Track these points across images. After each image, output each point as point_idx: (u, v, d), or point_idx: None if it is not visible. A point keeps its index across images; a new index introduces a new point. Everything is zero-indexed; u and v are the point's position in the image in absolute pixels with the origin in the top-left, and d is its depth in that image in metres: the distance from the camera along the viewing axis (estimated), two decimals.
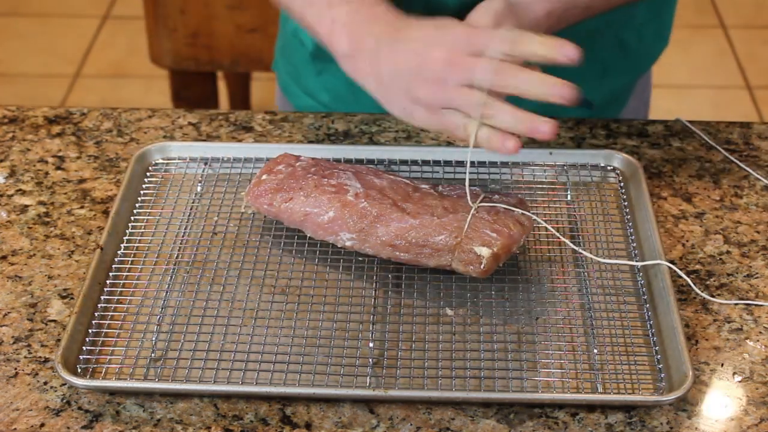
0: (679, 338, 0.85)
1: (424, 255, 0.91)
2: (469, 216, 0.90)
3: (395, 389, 0.83)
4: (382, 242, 0.91)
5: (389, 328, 0.89)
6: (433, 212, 0.92)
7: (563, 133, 1.12)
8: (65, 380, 0.83)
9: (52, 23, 3.06)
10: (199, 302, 0.91)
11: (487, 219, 0.91)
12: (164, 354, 0.87)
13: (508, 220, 0.91)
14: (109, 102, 2.69)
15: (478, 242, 0.89)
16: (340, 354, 0.86)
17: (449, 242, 0.90)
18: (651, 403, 0.82)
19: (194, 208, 1.02)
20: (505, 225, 0.90)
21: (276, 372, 0.85)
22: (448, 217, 0.91)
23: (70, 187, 1.05)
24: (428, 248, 0.90)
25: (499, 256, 0.90)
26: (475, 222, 0.90)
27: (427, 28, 0.90)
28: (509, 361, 0.86)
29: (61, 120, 1.15)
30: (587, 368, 0.85)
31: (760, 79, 2.85)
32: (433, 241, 0.90)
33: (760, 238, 0.99)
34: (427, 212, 0.92)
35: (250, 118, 1.14)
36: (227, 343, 0.87)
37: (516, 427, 0.82)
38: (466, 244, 0.89)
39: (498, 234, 0.90)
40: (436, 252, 0.90)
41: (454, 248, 0.89)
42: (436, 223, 0.91)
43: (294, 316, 0.90)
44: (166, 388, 0.84)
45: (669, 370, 0.85)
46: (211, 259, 0.96)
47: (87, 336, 0.88)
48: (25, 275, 0.95)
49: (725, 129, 1.13)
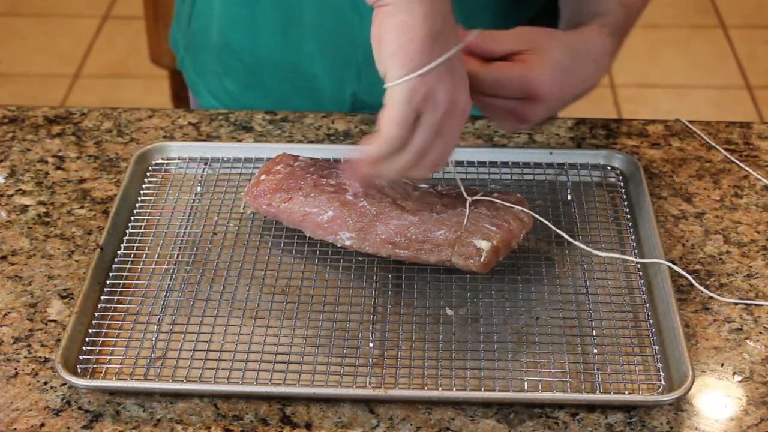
0: (679, 338, 0.85)
1: (424, 251, 0.91)
2: (467, 209, 0.91)
3: (395, 389, 0.83)
4: (381, 240, 0.91)
5: (389, 328, 0.89)
6: (432, 209, 0.92)
7: (563, 133, 1.12)
8: (65, 380, 0.83)
9: (52, 23, 3.06)
10: (199, 302, 0.91)
11: (487, 214, 0.91)
12: (164, 354, 0.87)
13: (508, 215, 0.92)
14: (109, 102, 2.69)
15: (478, 236, 0.90)
16: (340, 354, 0.86)
17: (449, 237, 0.90)
18: (651, 403, 0.82)
19: (194, 208, 1.02)
20: (504, 220, 0.91)
21: (276, 372, 0.85)
22: (448, 212, 0.91)
23: (70, 187, 1.05)
24: (428, 244, 0.90)
25: (499, 250, 0.90)
26: (475, 217, 0.91)
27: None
28: (509, 361, 0.86)
29: (61, 120, 1.15)
30: (587, 368, 0.85)
31: (760, 79, 2.85)
32: (432, 236, 0.90)
33: (760, 238, 0.99)
34: (426, 209, 0.92)
35: (250, 118, 1.14)
36: (227, 343, 0.87)
37: (516, 427, 0.82)
38: (466, 238, 0.90)
39: (498, 228, 0.90)
40: (436, 247, 0.90)
41: (454, 242, 0.90)
42: (435, 218, 0.91)
43: (294, 316, 0.90)
44: (166, 388, 0.84)
45: (669, 369, 0.85)
46: (211, 259, 0.96)
47: (87, 336, 0.88)
48: (25, 275, 0.95)
49: (725, 129, 1.13)
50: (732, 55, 2.95)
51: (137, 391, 0.84)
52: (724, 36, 3.03)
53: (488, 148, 1.07)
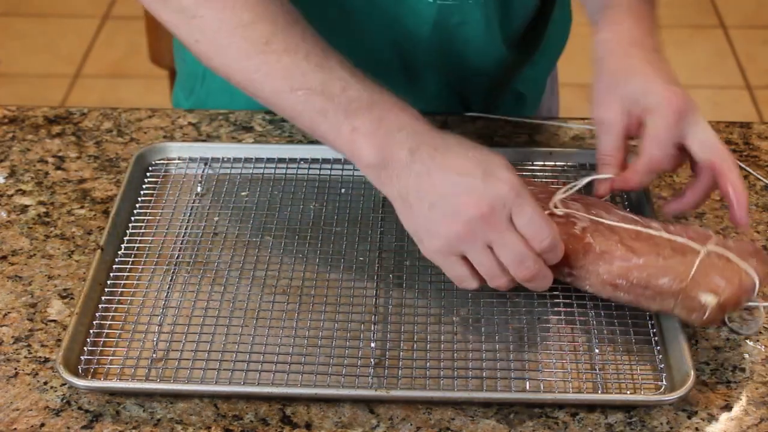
0: (680, 337, 0.85)
1: (645, 297, 0.85)
2: (698, 259, 0.84)
3: (397, 389, 0.83)
4: (602, 281, 0.86)
5: (391, 328, 0.89)
6: (659, 252, 0.85)
7: (563, 133, 1.12)
8: (67, 381, 0.83)
9: (52, 23, 3.06)
10: (200, 303, 0.91)
11: (718, 265, 0.84)
12: (165, 355, 0.87)
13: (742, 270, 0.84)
14: (109, 102, 2.69)
15: (705, 288, 0.83)
16: (341, 354, 0.86)
17: (674, 287, 0.83)
18: (653, 403, 0.82)
19: (194, 208, 1.02)
20: (737, 273, 0.83)
21: (277, 372, 0.85)
22: (676, 259, 0.84)
23: (70, 187, 1.05)
24: (650, 290, 0.84)
25: (726, 307, 0.83)
26: (705, 267, 0.83)
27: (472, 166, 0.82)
28: (510, 361, 0.86)
29: (61, 120, 1.15)
30: (588, 368, 0.85)
31: (760, 79, 2.85)
32: (656, 283, 0.84)
33: (760, 238, 0.99)
34: (653, 252, 0.85)
35: (250, 118, 1.14)
36: (228, 344, 0.87)
37: (516, 427, 0.82)
38: (692, 290, 0.83)
39: (727, 282, 0.83)
40: (659, 295, 0.84)
41: (678, 293, 0.83)
42: (661, 264, 0.84)
43: (295, 317, 0.90)
44: (168, 388, 0.84)
45: (670, 369, 0.85)
46: (211, 260, 0.96)
47: (88, 336, 0.88)
48: (25, 275, 0.95)
49: (725, 129, 1.13)
50: (732, 55, 2.95)
51: (138, 392, 0.84)
52: (724, 36, 3.03)
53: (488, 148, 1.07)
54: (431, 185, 0.83)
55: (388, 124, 0.84)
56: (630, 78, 0.91)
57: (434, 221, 0.83)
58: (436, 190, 0.82)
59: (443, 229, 0.82)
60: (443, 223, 0.82)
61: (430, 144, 0.84)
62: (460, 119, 1.14)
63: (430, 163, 0.83)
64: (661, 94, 0.89)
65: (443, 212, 0.82)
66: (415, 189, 0.83)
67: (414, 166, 0.83)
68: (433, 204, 0.83)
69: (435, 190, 0.83)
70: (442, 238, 0.83)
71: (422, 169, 0.83)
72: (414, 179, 0.83)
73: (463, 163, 0.83)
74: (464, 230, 0.82)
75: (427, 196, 0.83)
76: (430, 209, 0.83)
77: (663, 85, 0.90)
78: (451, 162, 0.83)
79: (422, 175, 0.83)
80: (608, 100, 0.92)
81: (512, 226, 0.82)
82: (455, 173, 0.82)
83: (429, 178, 0.83)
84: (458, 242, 0.82)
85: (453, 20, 1.06)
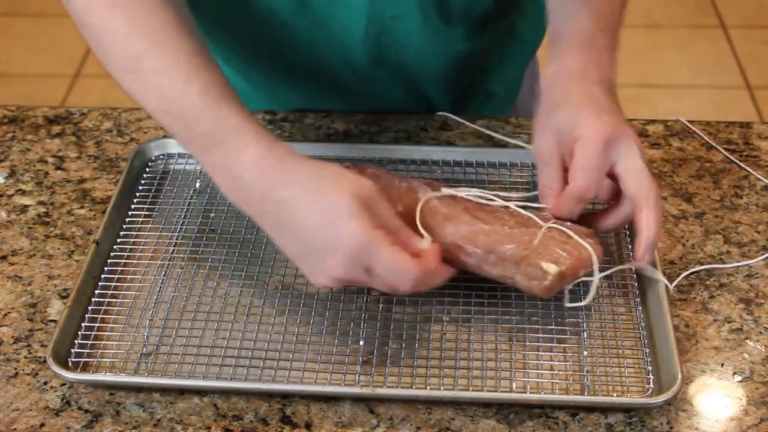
0: (669, 340, 0.85)
1: (488, 262, 0.88)
2: (541, 232, 0.88)
3: (396, 388, 0.83)
4: (447, 242, 0.88)
5: (392, 328, 0.89)
6: (504, 223, 0.89)
7: None
8: (56, 374, 0.83)
9: (52, 23, 3.06)
10: (193, 298, 0.92)
11: (559, 239, 0.88)
12: (156, 349, 0.87)
13: (581, 245, 0.88)
14: (109, 102, 2.69)
15: (547, 258, 0.86)
16: (330, 351, 0.86)
17: (517, 253, 0.86)
18: (639, 406, 0.82)
19: (191, 204, 1.02)
20: (576, 248, 0.87)
21: (266, 369, 0.85)
22: (520, 230, 0.88)
23: (70, 187, 1.05)
24: (494, 255, 0.87)
25: (565, 277, 0.86)
26: (546, 240, 0.87)
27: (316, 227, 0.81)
28: (501, 360, 0.86)
29: (61, 120, 1.15)
30: (577, 369, 0.85)
31: (760, 79, 2.85)
32: (501, 249, 0.87)
33: (760, 238, 0.99)
34: (498, 222, 0.89)
35: None
36: (219, 339, 0.88)
37: (516, 427, 0.82)
38: (534, 258, 0.86)
39: (568, 254, 0.86)
40: (501, 261, 0.87)
41: (521, 260, 0.86)
42: (506, 232, 0.88)
43: (286, 313, 0.90)
44: (157, 382, 0.84)
45: (659, 372, 0.85)
46: (205, 256, 0.96)
47: (80, 330, 0.88)
48: (25, 275, 0.95)
49: (725, 129, 1.13)
50: (732, 55, 2.95)
51: (129, 385, 0.84)
52: (724, 36, 3.03)
53: (488, 148, 1.07)
54: (284, 244, 0.83)
55: (233, 167, 0.83)
56: (563, 109, 0.90)
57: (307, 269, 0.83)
58: (292, 248, 0.83)
59: (320, 279, 0.83)
60: (315, 274, 0.83)
61: (273, 198, 0.82)
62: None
63: (275, 221, 0.83)
64: (590, 124, 0.88)
65: (309, 268, 0.83)
66: (276, 238, 0.84)
67: (266, 217, 0.83)
68: (296, 258, 0.83)
69: (291, 248, 0.83)
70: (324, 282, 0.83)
71: (273, 224, 0.83)
72: (269, 230, 0.84)
73: (307, 225, 0.81)
74: (336, 282, 0.82)
75: (287, 249, 0.83)
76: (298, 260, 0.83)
77: (593, 114, 0.89)
78: (296, 222, 0.81)
79: (274, 230, 0.83)
80: (544, 133, 0.92)
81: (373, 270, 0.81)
82: (302, 236, 0.81)
83: (281, 236, 0.83)
84: (339, 284, 0.83)
85: (387, 13, 1.04)
